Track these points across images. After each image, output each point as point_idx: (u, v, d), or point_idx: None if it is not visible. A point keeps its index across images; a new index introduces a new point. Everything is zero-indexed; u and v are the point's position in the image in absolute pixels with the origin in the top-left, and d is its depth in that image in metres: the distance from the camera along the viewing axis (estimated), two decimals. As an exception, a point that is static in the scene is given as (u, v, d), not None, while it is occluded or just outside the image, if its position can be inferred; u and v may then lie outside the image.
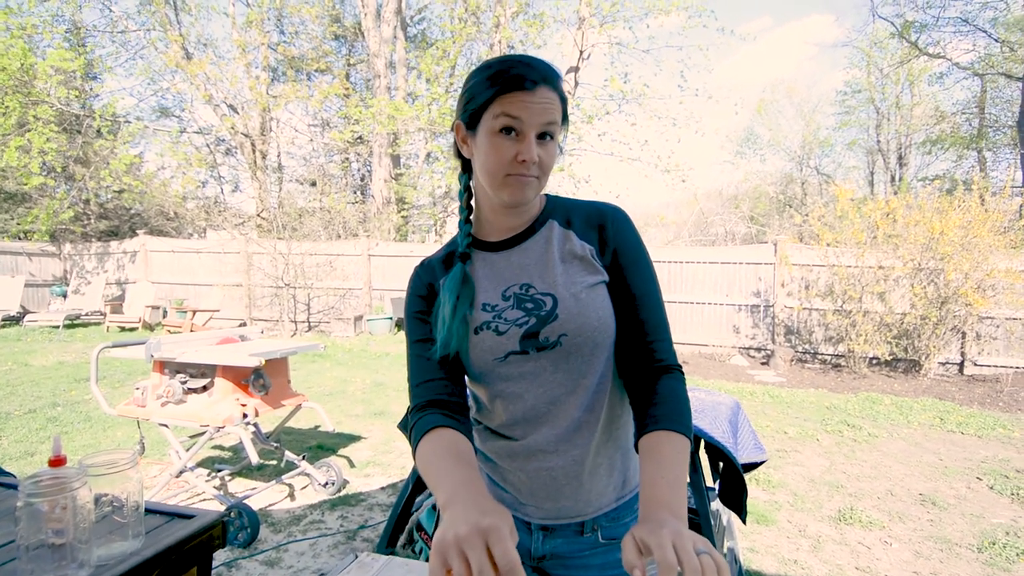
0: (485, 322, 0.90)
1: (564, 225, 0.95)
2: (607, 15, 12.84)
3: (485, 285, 0.93)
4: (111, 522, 0.95)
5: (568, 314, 0.87)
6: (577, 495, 0.92)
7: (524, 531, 0.95)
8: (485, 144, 0.86)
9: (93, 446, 4.17)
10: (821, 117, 23.30)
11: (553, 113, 0.84)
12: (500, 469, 0.96)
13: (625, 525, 0.94)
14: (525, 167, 0.84)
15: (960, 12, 17.41)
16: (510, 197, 0.88)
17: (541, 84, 0.84)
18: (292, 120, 19.12)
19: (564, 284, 0.89)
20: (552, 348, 0.88)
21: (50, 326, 10.60)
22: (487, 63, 0.88)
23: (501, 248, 0.95)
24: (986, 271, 6.99)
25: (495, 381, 0.92)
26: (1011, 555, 2.77)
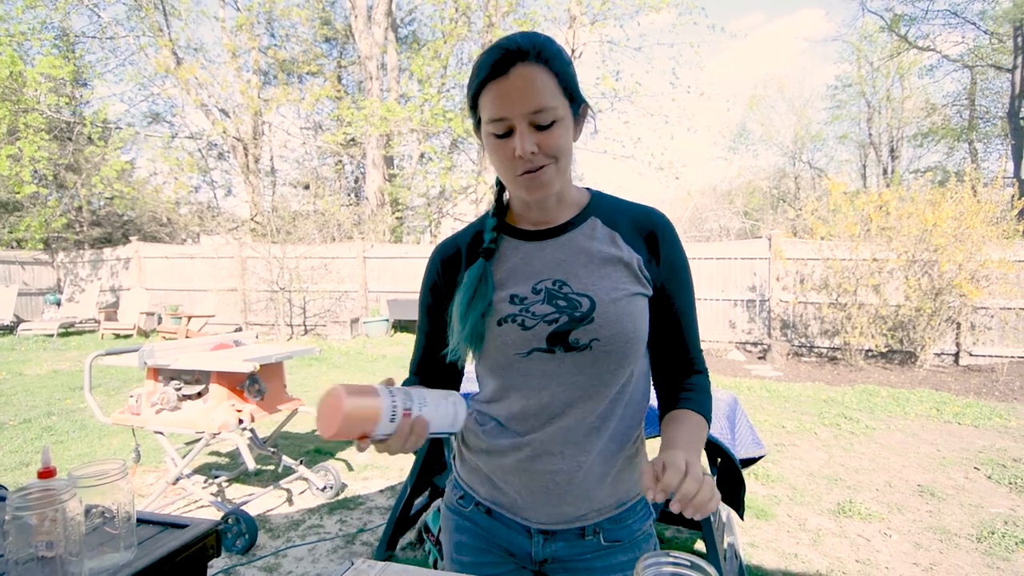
0: (511, 315, 0.86)
1: (609, 226, 0.90)
2: (598, 13, 12.84)
3: (515, 275, 0.88)
4: (102, 533, 0.93)
5: (605, 320, 0.83)
6: (579, 501, 0.89)
7: (524, 535, 0.93)
8: (488, 149, 0.83)
9: (88, 455, 4.14)
10: (812, 111, 23.40)
11: (537, 96, 0.76)
12: (502, 469, 0.93)
13: (627, 527, 0.93)
14: (526, 162, 0.79)
15: (949, 5, 17.48)
16: (529, 196, 0.84)
17: (517, 64, 0.76)
18: (284, 123, 19.09)
19: (604, 288, 0.85)
20: (581, 351, 0.84)
21: (44, 335, 10.54)
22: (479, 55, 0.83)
23: (537, 238, 0.90)
24: (979, 262, 7.02)
25: (513, 376, 0.88)
26: (1010, 544, 2.77)
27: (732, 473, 2.10)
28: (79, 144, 14.37)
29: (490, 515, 0.95)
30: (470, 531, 0.97)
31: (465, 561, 0.96)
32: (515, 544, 0.94)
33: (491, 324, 0.86)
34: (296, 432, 4.67)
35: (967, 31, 17.65)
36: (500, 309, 0.87)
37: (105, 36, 15.27)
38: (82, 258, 13.02)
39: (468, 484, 0.98)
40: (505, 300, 0.87)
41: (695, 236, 20.82)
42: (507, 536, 0.94)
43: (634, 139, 13.28)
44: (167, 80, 15.51)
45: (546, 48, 0.78)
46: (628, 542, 0.93)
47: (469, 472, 0.98)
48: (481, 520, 0.96)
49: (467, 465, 0.99)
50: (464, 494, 0.98)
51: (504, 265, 0.90)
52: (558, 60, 0.79)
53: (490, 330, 0.87)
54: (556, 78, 0.78)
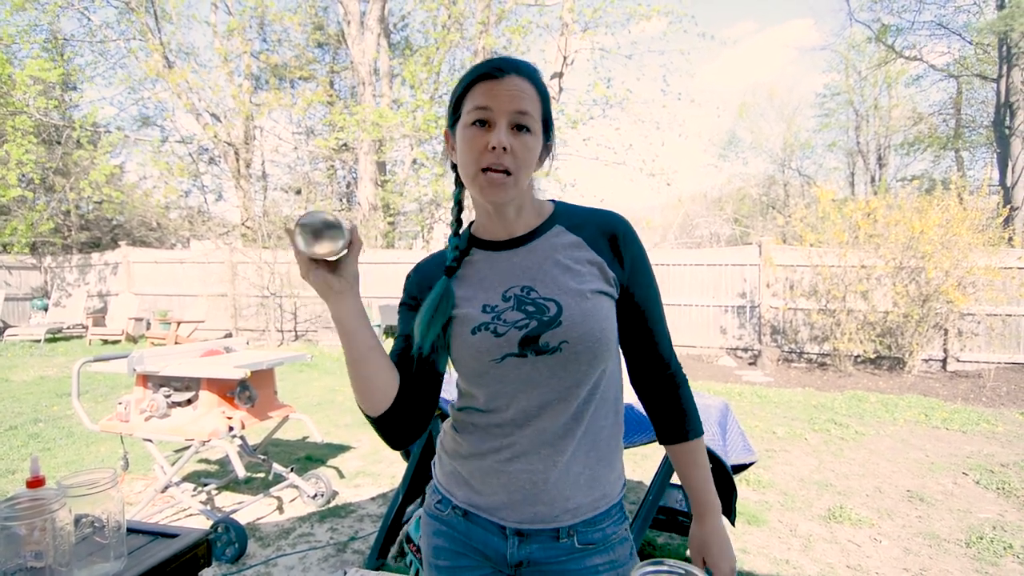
0: (484, 323, 0.89)
1: (574, 232, 0.94)
2: (589, 21, 12.93)
3: (486, 285, 0.92)
4: (92, 543, 0.93)
5: (572, 322, 0.86)
6: (554, 501, 0.91)
7: (499, 536, 0.94)
8: (460, 140, 0.87)
9: (76, 462, 4.09)
10: (801, 120, 23.64)
11: (525, 101, 0.83)
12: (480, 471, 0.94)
13: (602, 531, 0.93)
14: (495, 156, 0.82)
15: (935, 16, 17.74)
16: (484, 195, 0.86)
17: (511, 73, 0.84)
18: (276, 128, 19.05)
19: (570, 291, 0.88)
20: (551, 354, 0.87)
21: (31, 340, 10.41)
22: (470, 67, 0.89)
23: (505, 248, 0.94)
24: (966, 268, 7.10)
25: (489, 381, 0.91)
26: (998, 549, 2.80)
27: (723, 479, 2.11)
28: (68, 148, 14.24)
29: (467, 518, 0.96)
30: (447, 535, 0.98)
31: (442, 565, 0.98)
32: (491, 546, 0.95)
33: (464, 333, 0.90)
34: (287, 439, 4.64)
35: (953, 42, 17.92)
36: (473, 318, 0.90)
37: (95, 39, 15.17)
38: (70, 263, 12.88)
39: (446, 488, 1.00)
40: (477, 309, 0.90)
41: (686, 242, 20.92)
42: (483, 538, 0.95)
43: (625, 145, 13.35)
44: (157, 84, 15.42)
45: (537, 74, 0.88)
46: (603, 545, 0.94)
47: (447, 476, 1.00)
48: (458, 524, 0.97)
49: (445, 469, 1.01)
50: (442, 498, 1.00)
51: (475, 276, 0.94)
52: (544, 87, 0.88)
53: (464, 339, 0.90)
54: (540, 100, 0.87)
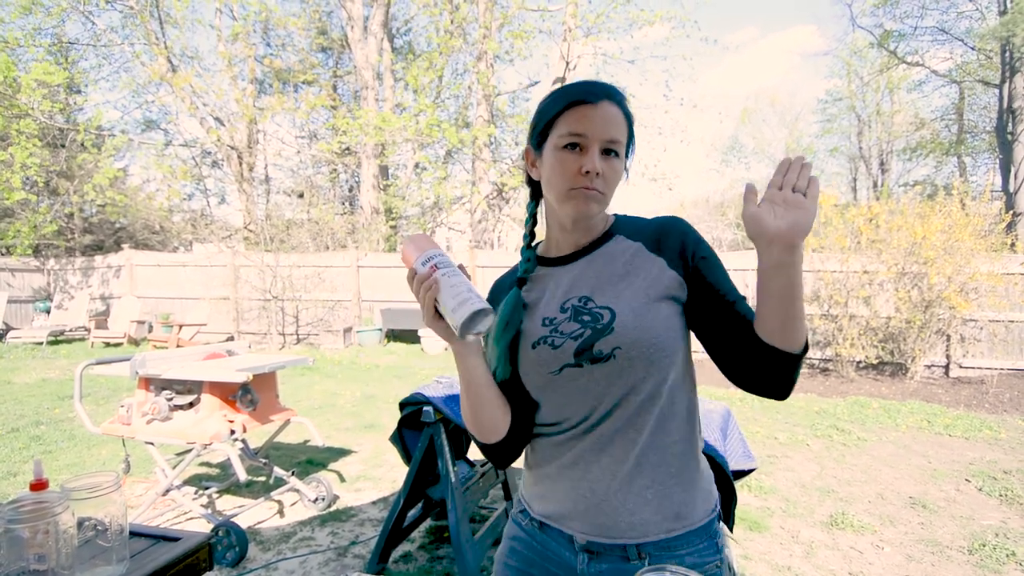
0: (542, 337, 0.92)
1: (632, 239, 0.95)
2: (592, 26, 12.97)
3: (547, 299, 0.95)
4: (94, 546, 0.93)
5: (624, 328, 0.86)
6: (617, 514, 0.89)
7: (569, 550, 0.94)
8: (550, 160, 0.90)
9: (78, 465, 4.09)
10: (804, 125, 23.69)
11: (616, 129, 0.88)
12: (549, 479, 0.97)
13: (680, 559, 0.89)
14: (588, 179, 0.87)
15: (937, 22, 17.78)
16: (575, 211, 0.90)
17: (604, 99, 0.88)
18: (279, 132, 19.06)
19: (625, 298, 0.89)
20: (605, 361, 0.87)
21: (33, 342, 10.43)
22: (556, 88, 0.92)
23: (566, 262, 0.97)
24: (968, 274, 7.08)
25: (549, 393, 0.93)
26: (1001, 556, 2.79)
27: (723, 484, 2.11)
28: (72, 151, 14.30)
29: (542, 529, 0.98)
30: (525, 542, 1.01)
31: (512, 565, 1.01)
32: (563, 561, 0.96)
33: (526, 348, 0.93)
34: (288, 443, 4.64)
35: (955, 47, 17.95)
36: (533, 333, 0.93)
37: (100, 43, 15.25)
38: (73, 265, 12.91)
39: (526, 500, 1.03)
40: (538, 324, 0.94)
41: (688, 247, 20.87)
42: (556, 551, 0.96)
43: (628, 151, 13.30)
44: (161, 88, 15.49)
45: (625, 100, 0.92)
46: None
47: (527, 488, 1.04)
48: (535, 534, 0.99)
49: (526, 481, 1.05)
50: (523, 508, 1.03)
51: (537, 292, 0.98)
52: (629, 112, 0.92)
53: (526, 354, 0.93)
54: (627, 125, 0.91)
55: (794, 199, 0.74)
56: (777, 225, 0.73)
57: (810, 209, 0.72)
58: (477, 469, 2.84)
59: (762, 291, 0.78)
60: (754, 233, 0.76)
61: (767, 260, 0.76)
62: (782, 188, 0.75)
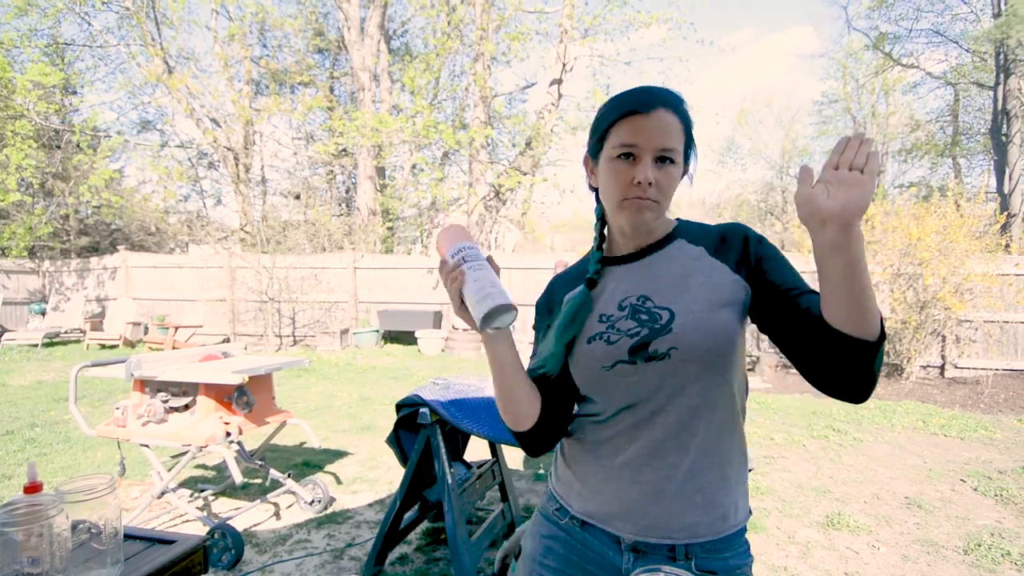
0: (598, 332, 0.93)
1: (694, 243, 0.95)
2: (588, 28, 13.00)
3: (604, 297, 0.96)
4: (89, 549, 0.93)
5: (683, 329, 0.87)
6: (667, 514, 0.90)
7: (614, 550, 0.94)
8: (605, 170, 0.92)
9: (73, 467, 4.08)
10: (800, 127, 23.74)
11: (670, 137, 0.87)
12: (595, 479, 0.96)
13: (725, 560, 0.90)
14: (641, 189, 0.87)
15: (932, 24, 17.86)
16: (628, 220, 0.92)
17: (658, 107, 0.87)
18: (275, 133, 19.06)
19: (685, 300, 0.89)
20: (660, 360, 0.87)
21: (28, 344, 10.39)
22: (612, 97, 0.92)
23: (627, 261, 0.98)
24: (963, 275, 7.11)
25: (599, 388, 0.94)
26: (996, 556, 2.79)
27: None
28: (67, 152, 14.26)
29: (583, 528, 0.97)
30: (563, 541, 1.00)
31: (550, 565, 0.99)
32: (606, 560, 0.95)
33: (581, 342, 0.94)
34: (284, 445, 4.63)
35: (950, 50, 18.02)
36: (590, 328, 0.95)
37: (95, 44, 15.22)
38: (68, 267, 12.86)
39: (563, 496, 1.02)
40: (595, 320, 0.95)
41: (685, 248, 20.88)
42: (599, 550, 0.96)
43: (625, 152, 13.33)
44: (157, 89, 15.45)
45: (682, 103, 0.90)
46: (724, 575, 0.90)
47: (564, 486, 1.02)
48: (575, 532, 0.98)
49: (561, 477, 1.03)
50: (560, 506, 1.02)
51: (604, 292, 0.98)
52: (687, 116, 0.91)
53: (580, 347, 0.94)
54: (684, 130, 0.89)
55: (850, 177, 0.69)
56: (830, 205, 0.68)
57: (867, 185, 0.68)
58: (474, 471, 2.84)
59: (823, 276, 0.74)
60: (806, 214, 0.71)
61: (822, 242, 0.71)
62: (838, 168, 0.70)
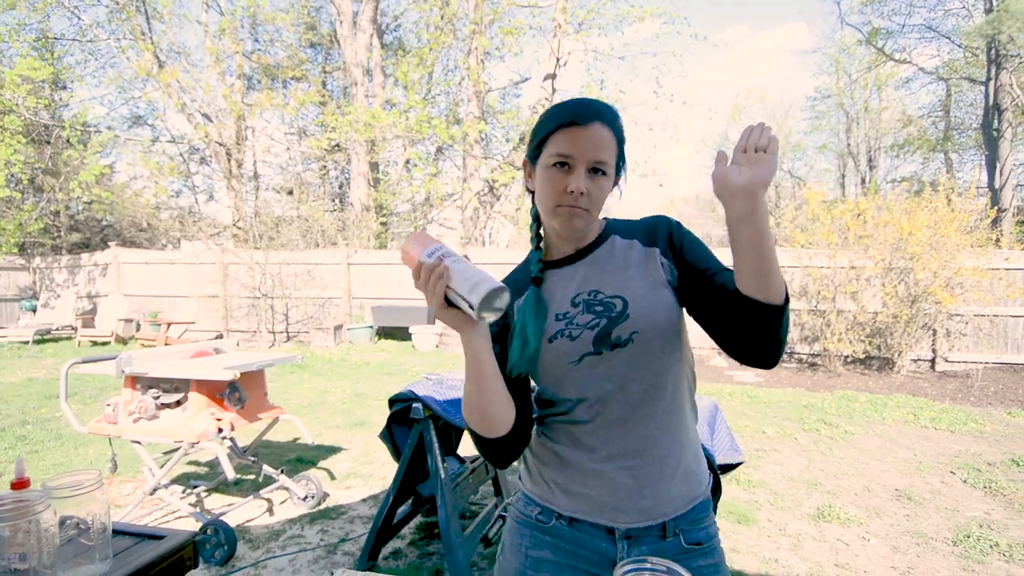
0: (559, 330, 0.96)
1: (627, 238, 1.02)
2: (582, 22, 12.96)
3: (556, 297, 0.99)
4: (77, 545, 0.92)
5: (638, 313, 0.92)
6: (659, 494, 0.94)
7: (608, 541, 0.96)
8: (541, 177, 0.95)
9: (64, 464, 4.06)
10: (793, 122, 23.81)
11: (604, 151, 0.91)
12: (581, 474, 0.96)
13: (704, 528, 0.98)
14: (573, 198, 0.91)
15: (924, 19, 17.93)
16: (560, 226, 0.95)
17: (595, 121, 0.91)
18: (268, 128, 18.92)
19: (632, 287, 0.95)
20: (624, 346, 0.92)
21: (19, 341, 10.31)
22: (554, 104, 0.97)
23: (568, 262, 1.02)
24: (954, 269, 7.17)
25: (570, 384, 0.95)
26: (985, 547, 2.83)
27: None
28: (57, 147, 14.12)
29: (572, 526, 0.98)
30: (552, 546, 0.99)
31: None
32: (598, 552, 0.96)
33: (544, 343, 0.96)
34: (277, 441, 4.62)
35: (942, 45, 18.15)
36: (549, 328, 0.97)
37: (85, 38, 15.06)
38: (59, 263, 12.76)
39: (544, 499, 1.01)
40: (552, 319, 0.98)
41: (678, 243, 20.93)
42: (590, 545, 0.97)
43: (618, 147, 13.31)
44: (148, 83, 15.32)
45: (618, 119, 0.96)
46: (707, 547, 0.98)
47: (544, 489, 1.01)
48: (564, 532, 0.98)
49: (538, 480, 1.03)
50: (542, 509, 1.01)
51: (549, 293, 1.01)
52: (621, 131, 0.96)
53: (544, 348, 0.96)
54: (617, 144, 0.94)
55: (756, 156, 0.78)
56: (739, 179, 0.77)
57: (770, 162, 0.78)
58: (467, 465, 2.85)
59: (734, 245, 0.81)
60: (719, 189, 0.80)
61: (733, 213, 0.79)
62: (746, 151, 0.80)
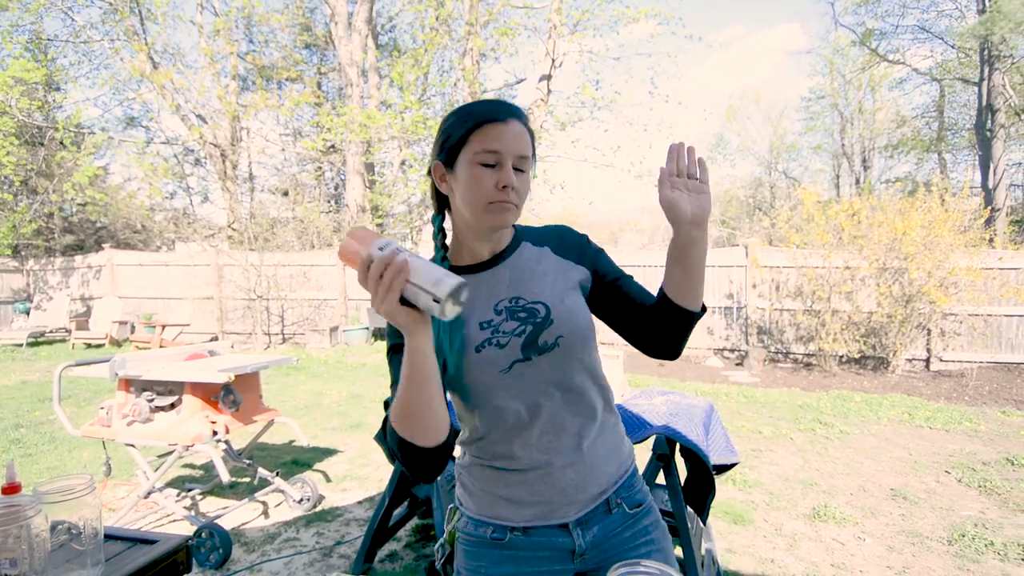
0: (486, 339, 0.95)
1: (538, 245, 1.05)
2: (577, 23, 12.97)
3: (476, 304, 0.98)
4: (69, 550, 0.91)
5: (560, 319, 0.95)
6: (598, 479, 1.00)
7: (564, 535, 0.99)
8: (466, 176, 0.92)
9: (58, 468, 4.03)
10: (788, 123, 23.86)
11: (525, 146, 0.94)
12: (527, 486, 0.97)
13: (639, 490, 1.05)
14: (505, 193, 0.91)
15: (918, 20, 18.02)
16: (493, 223, 0.94)
17: (511, 118, 0.93)
18: (263, 129, 18.91)
19: (551, 292, 0.98)
20: (551, 350, 0.95)
21: (13, 344, 10.25)
22: (460, 107, 0.96)
23: (482, 268, 1.01)
24: (948, 269, 7.20)
25: (499, 393, 0.95)
26: (980, 547, 2.84)
27: (703, 478, 2.12)
28: (51, 149, 14.05)
29: (527, 534, 0.99)
30: (510, 559, 1.00)
31: None
32: (558, 547, 0.99)
33: (470, 353, 0.94)
34: (272, 443, 4.60)
35: (935, 46, 18.26)
36: (474, 337, 0.96)
37: (79, 40, 14.98)
38: (53, 265, 12.69)
39: (495, 517, 1.00)
40: (475, 328, 0.96)
41: (674, 244, 20.91)
42: (550, 544, 0.99)
43: (614, 147, 13.33)
44: (142, 84, 15.24)
45: (527, 118, 0.98)
46: (646, 506, 1.05)
47: (492, 507, 1.01)
48: (521, 542, 0.99)
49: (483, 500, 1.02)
50: (495, 527, 1.00)
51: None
52: (531, 129, 0.99)
53: (470, 359, 0.94)
54: (531, 142, 0.97)
55: (696, 186, 0.90)
56: (691, 210, 0.89)
57: (709, 193, 0.91)
58: (463, 467, 2.84)
59: (679, 262, 0.92)
60: (670, 216, 0.90)
61: (684, 237, 0.91)
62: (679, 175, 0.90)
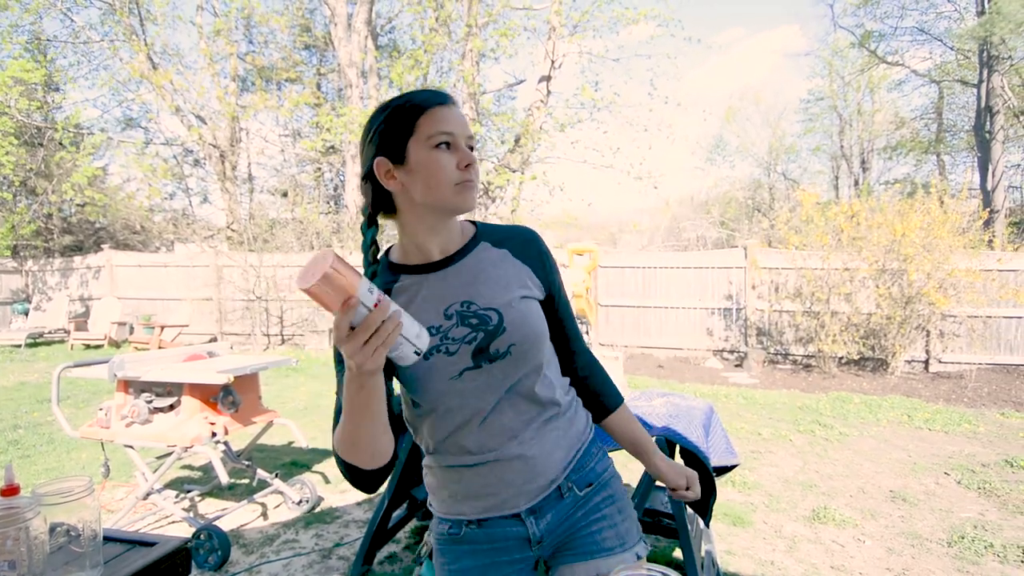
0: (435, 346, 0.92)
1: (497, 246, 1.01)
2: (577, 25, 12.99)
3: (425, 307, 0.94)
4: (67, 552, 0.91)
5: (514, 326, 0.93)
6: (547, 468, 0.99)
7: (518, 524, 0.99)
8: (425, 162, 0.89)
9: (57, 469, 4.02)
10: (787, 124, 23.86)
11: (469, 127, 0.94)
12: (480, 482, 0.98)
13: (591, 468, 1.04)
14: (469, 172, 0.90)
15: (917, 22, 18.04)
16: (462, 203, 0.92)
17: (451, 103, 0.93)
18: (262, 130, 18.89)
19: (505, 299, 0.95)
20: (503, 358, 0.93)
21: (11, 345, 10.24)
22: (388, 102, 0.93)
23: (434, 269, 0.96)
24: (947, 271, 7.20)
25: (451, 399, 0.94)
26: (979, 548, 2.84)
27: (704, 480, 2.11)
28: (50, 150, 14.05)
29: (482, 526, 1.00)
30: (468, 553, 1.01)
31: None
32: (511, 537, 1.00)
33: (419, 361, 0.88)
34: (271, 445, 4.59)
35: (934, 47, 18.25)
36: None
37: (78, 40, 14.97)
38: (52, 266, 12.68)
39: (452, 513, 1.02)
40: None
41: (673, 245, 21.04)
42: (504, 535, 1.00)
43: (613, 149, 13.33)
44: (142, 85, 15.23)
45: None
46: (598, 483, 1.04)
47: (449, 503, 1.02)
48: (477, 535, 1.00)
49: (442, 496, 1.03)
50: (452, 523, 1.02)
51: (413, 301, 0.95)
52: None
53: (418, 366, 0.91)
54: None
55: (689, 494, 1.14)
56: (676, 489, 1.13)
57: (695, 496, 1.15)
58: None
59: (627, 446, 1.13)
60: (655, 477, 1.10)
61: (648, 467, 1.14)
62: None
